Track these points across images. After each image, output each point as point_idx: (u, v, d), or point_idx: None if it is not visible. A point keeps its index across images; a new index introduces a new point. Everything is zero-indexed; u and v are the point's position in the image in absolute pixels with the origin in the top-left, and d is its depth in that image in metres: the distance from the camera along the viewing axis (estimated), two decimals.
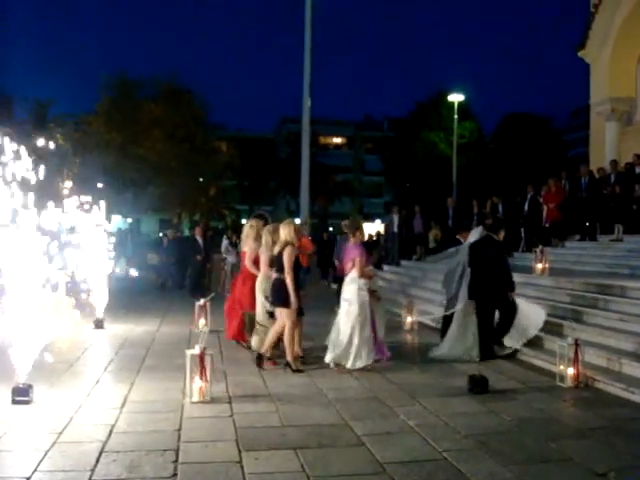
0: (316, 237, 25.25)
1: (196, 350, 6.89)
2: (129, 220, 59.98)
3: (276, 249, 8.86)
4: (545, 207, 17.48)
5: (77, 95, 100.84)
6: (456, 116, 38.03)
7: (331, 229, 50.89)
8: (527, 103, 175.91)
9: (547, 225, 17.29)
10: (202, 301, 11.88)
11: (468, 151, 48.34)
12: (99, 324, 12.23)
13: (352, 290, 8.80)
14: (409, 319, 12.38)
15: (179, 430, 6.00)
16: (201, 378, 6.88)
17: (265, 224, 10.47)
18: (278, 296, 8.73)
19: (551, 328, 9.73)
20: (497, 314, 9.77)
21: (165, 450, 5.46)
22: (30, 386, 6.86)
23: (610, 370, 8.12)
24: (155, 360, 9.40)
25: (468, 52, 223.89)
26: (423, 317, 11.22)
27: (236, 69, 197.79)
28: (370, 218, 64.47)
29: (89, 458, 5.22)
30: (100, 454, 5.34)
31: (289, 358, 8.72)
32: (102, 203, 12.60)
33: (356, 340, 8.62)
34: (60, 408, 6.70)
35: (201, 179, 54.21)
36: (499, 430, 6.17)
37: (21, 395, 6.76)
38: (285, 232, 8.81)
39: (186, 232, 48.75)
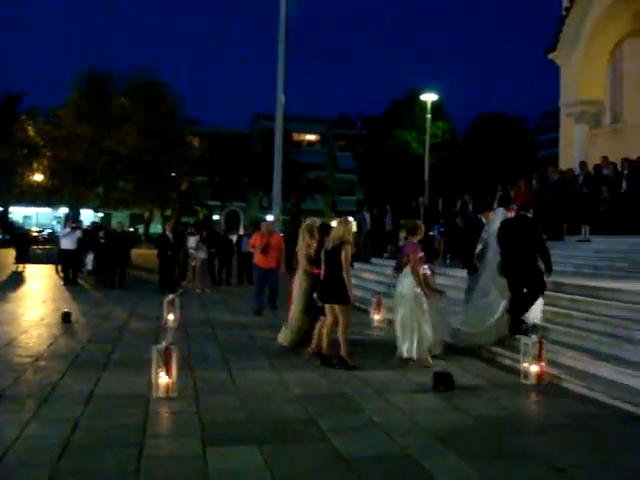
0: (287, 234, 25.21)
1: (162, 345, 6.87)
2: (100, 215, 59.56)
3: (329, 245, 8.82)
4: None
5: (48, 87, 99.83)
6: (429, 116, 38.14)
7: None
8: (499, 104, 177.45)
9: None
10: (170, 296, 11.88)
11: (440, 151, 48.60)
12: (66, 318, 12.12)
13: (406, 284, 9.08)
14: (377, 316, 12.45)
15: (144, 425, 5.98)
16: (167, 373, 6.86)
17: (236, 220, 10.66)
18: (333, 292, 8.74)
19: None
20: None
21: (129, 445, 5.43)
22: None
23: (573, 368, 8.23)
24: (122, 355, 9.34)
25: (442, 53, 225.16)
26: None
27: (211, 65, 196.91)
28: (342, 216, 64.55)
29: (52, 453, 5.18)
30: (64, 449, 5.31)
31: (344, 354, 8.69)
32: None
33: (409, 332, 8.91)
34: (24, 403, 6.64)
35: (173, 174, 53.91)
36: (463, 426, 6.24)
37: None
38: (342, 230, 8.80)
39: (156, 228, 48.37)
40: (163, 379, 6.86)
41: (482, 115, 54.67)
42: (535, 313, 9.77)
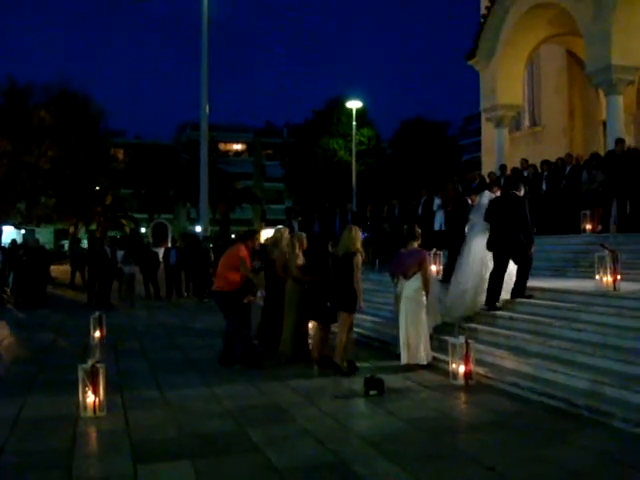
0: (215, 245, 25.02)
1: (88, 364, 6.73)
2: (22, 232, 57.88)
3: (339, 253, 9.04)
4: (444, 210, 17.76)
5: None
6: (355, 123, 38.47)
7: (233, 236, 50.59)
8: (424, 109, 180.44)
9: (445, 228, 17.53)
10: (97, 313, 11.67)
11: (367, 157, 49.07)
12: None
13: (415, 289, 9.16)
14: (310, 324, 12.42)
15: (72, 446, 5.84)
16: (94, 392, 6.72)
17: (164, 232, 10.53)
18: (339, 299, 8.88)
19: (443, 327, 10.00)
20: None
21: (57, 467, 5.31)
22: None
23: (500, 366, 8.42)
24: (48, 376, 9.11)
25: (366, 60, 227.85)
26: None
27: (134, 77, 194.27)
28: (272, 224, 64.47)
29: None
30: None
31: (339, 360, 8.82)
32: None
33: (413, 337, 9.06)
34: None
35: (97, 187, 52.87)
36: (395, 430, 6.30)
37: None
38: (348, 238, 8.98)
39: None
40: (90, 398, 6.72)
41: (406, 121, 55.43)
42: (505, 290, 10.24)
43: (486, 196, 10.83)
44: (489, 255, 10.21)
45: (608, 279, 9.50)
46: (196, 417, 6.80)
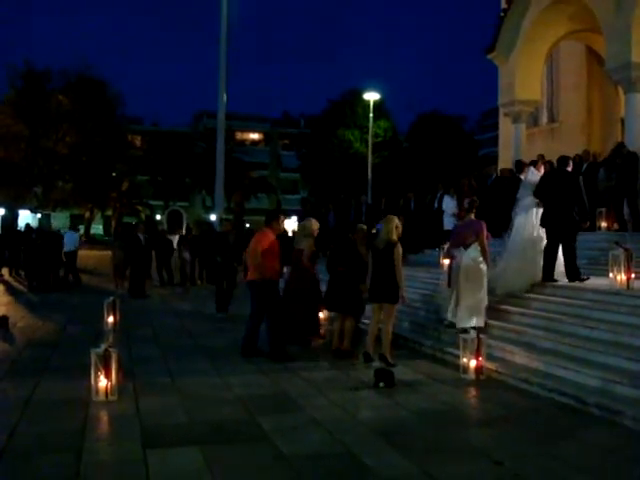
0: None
1: (101, 348, 6.78)
2: (38, 216, 58.31)
3: (380, 245, 8.94)
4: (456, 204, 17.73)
5: None
6: (371, 115, 38.35)
7: (248, 225, 50.65)
8: (441, 102, 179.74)
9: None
10: (110, 298, 11.74)
11: (383, 150, 48.95)
12: (3, 323, 11.84)
13: (473, 258, 9.48)
14: (320, 314, 12.44)
15: (83, 429, 5.89)
16: (106, 377, 6.78)
17: (179, 220, 10.65)
18: (382, 291, 8.84)
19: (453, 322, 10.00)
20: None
21: (68, 450, 5.35)
22: None
23: (511, 362, 8.41)
24: (61, 359, 9.19)
25: (384, 52, 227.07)
26: None
27: (152, 63, 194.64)
28: (287, 214, 64.31)
29: None
30: (1, 456, 5.20)
31: (386, 353, 8.83)
32: None
33: (468, 302, 9.42)
34: None
35: (114, 173, 53.07)
36: (403, 422, 6.32)
37: None
38: (390, 228, 8.91)
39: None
40: (102, 382, 6.78)
41: (423, 114, 55.19)
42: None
43: (532, 172, 11.01)
44: (535, 234, 10.45)
45: (622, 277, 9.46)
46: (206, 404, 6.85)
